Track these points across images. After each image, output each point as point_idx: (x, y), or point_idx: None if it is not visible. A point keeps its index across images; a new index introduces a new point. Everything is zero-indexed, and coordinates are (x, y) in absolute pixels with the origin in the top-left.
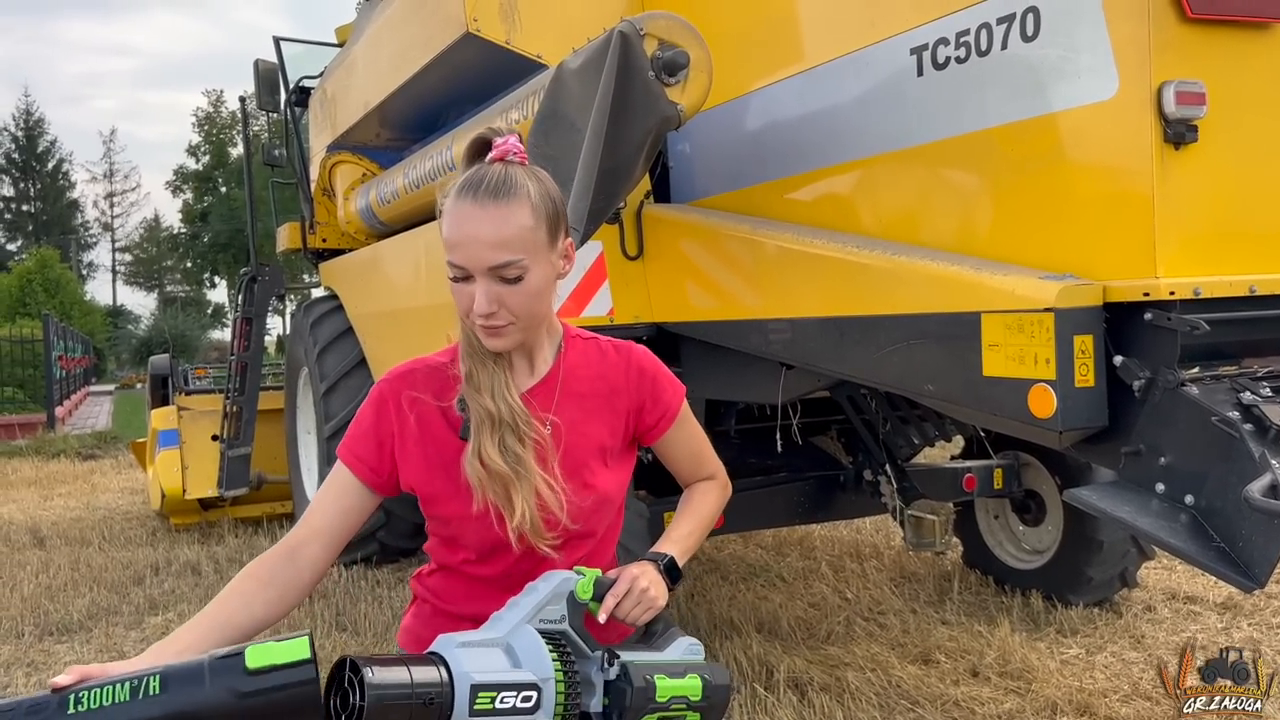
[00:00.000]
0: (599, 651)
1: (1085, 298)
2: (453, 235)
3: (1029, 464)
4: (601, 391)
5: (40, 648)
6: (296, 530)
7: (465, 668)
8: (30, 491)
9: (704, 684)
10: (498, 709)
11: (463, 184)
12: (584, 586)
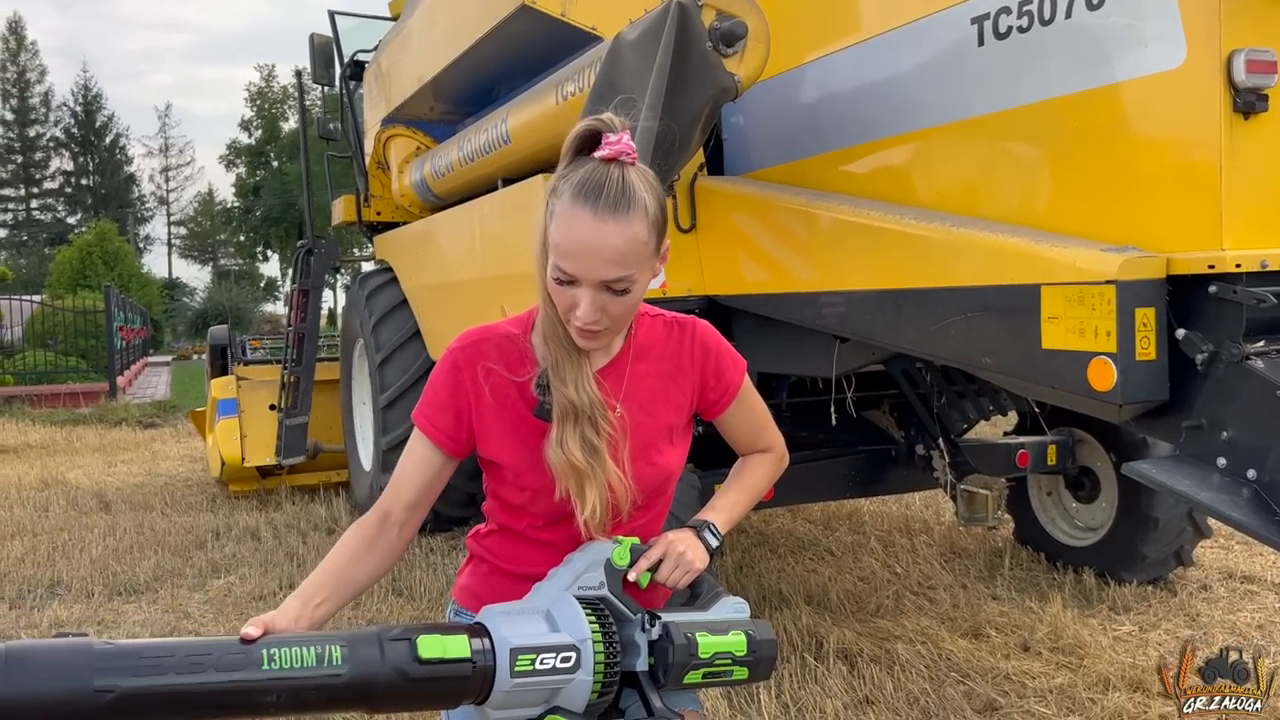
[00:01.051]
0: (640, 614)
1: (1148, 270)
2: (567, 244)
3: (1083, 440)
4: (667, 370)
5: (110, 607)
6: (384, 498)
7: (504, 633)
8: (95, 458)
9: (748, 639)
10: (538, 669)
11: (580, 189)
12: (620, 554)
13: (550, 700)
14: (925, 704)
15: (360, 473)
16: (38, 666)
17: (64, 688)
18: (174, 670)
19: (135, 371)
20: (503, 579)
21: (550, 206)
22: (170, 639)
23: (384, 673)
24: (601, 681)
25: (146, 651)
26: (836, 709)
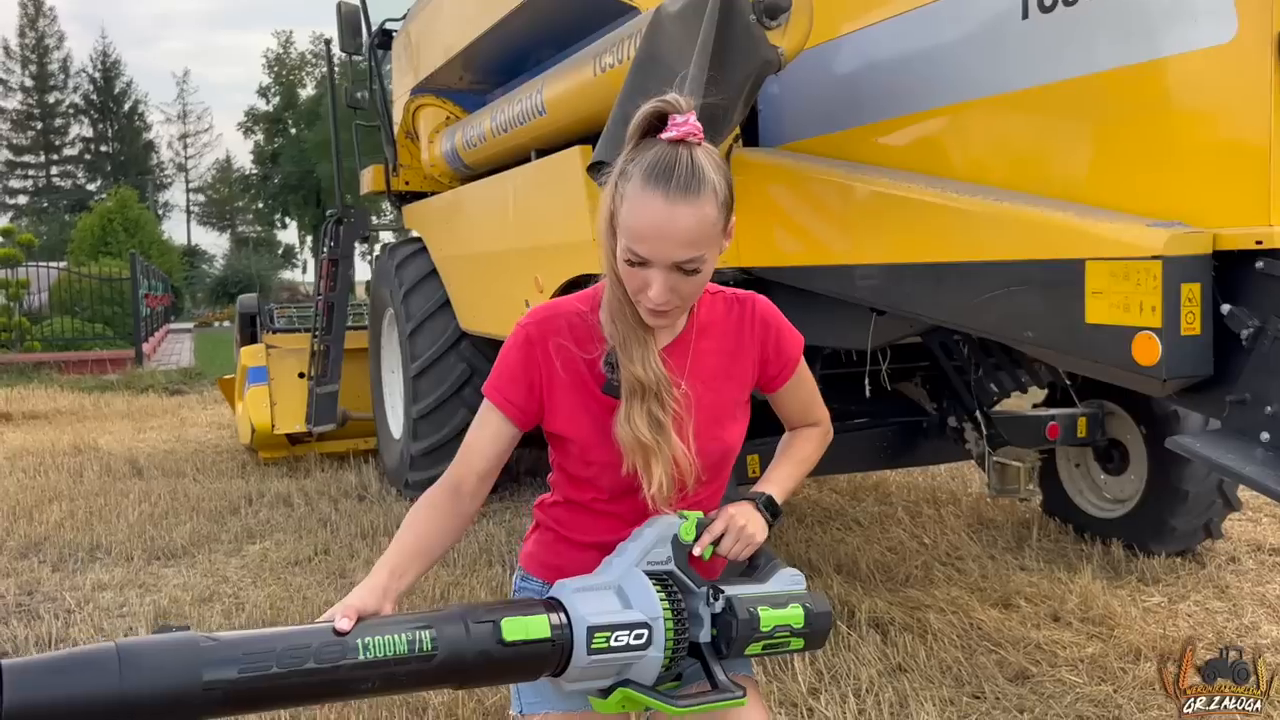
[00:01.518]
0: (704, 588)
1: (1195, 246)
2: (640, 227)
3: (1113, 413)
4: (729, 347)
5: (149, 570)
6: (454, 468)
7: (581, 611)
8: (124, 424)
9: (806, 612)
10: (613, 647)
11: (650, 171)
12: (686, 529)
13: (622, 673)
14: (958, 672)
15: (390, 441)
16: (150, 664)
17: (175, 684)
18: (276, 663)
19: (159, 339)
20: (569, 547)
21: (619, 189)
22: (268, 631)
23: (470, 654)
24: (670, 656)
25: (249, 646)
26: (871, 676)
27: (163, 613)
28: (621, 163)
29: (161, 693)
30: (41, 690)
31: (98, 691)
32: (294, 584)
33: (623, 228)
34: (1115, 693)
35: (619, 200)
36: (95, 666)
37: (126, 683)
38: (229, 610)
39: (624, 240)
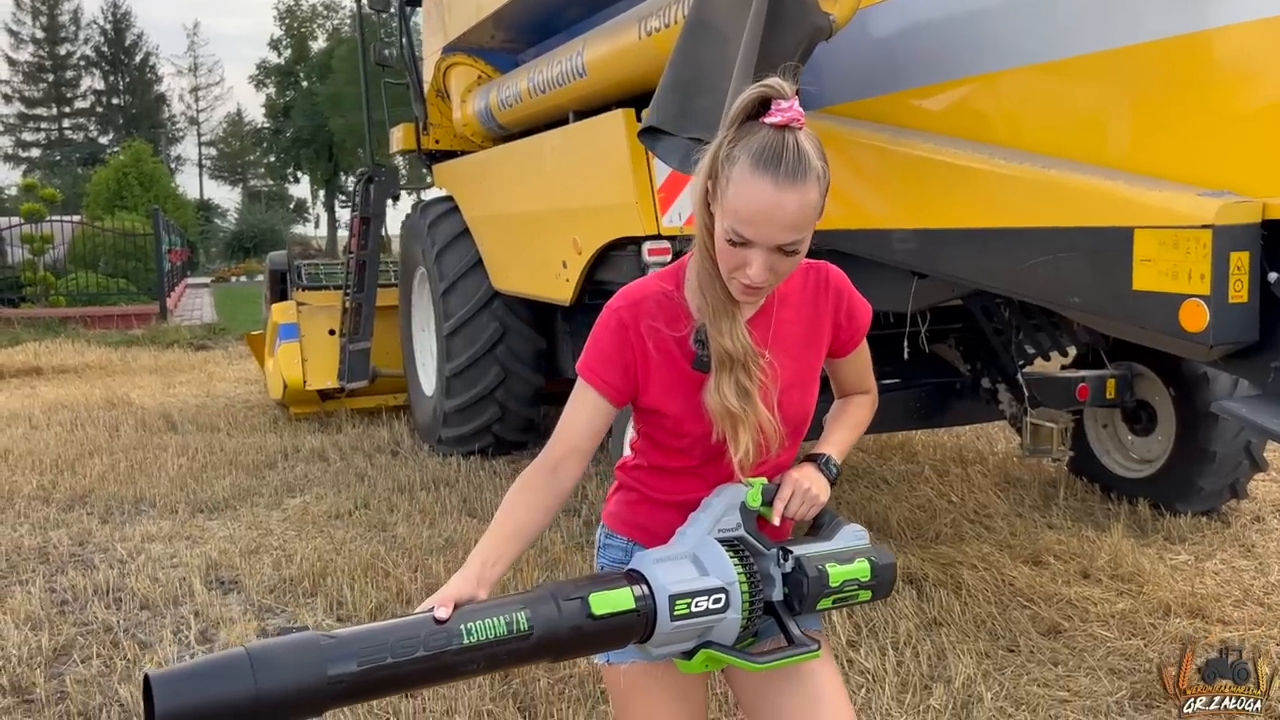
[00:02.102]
0: (774, 549)
1: (1245, 215)
2: (748, 211)
3: (1142, 374)
4: (807, 316)
5: (194, 523)
6: (554, 447)
7: (662, 580)
8: (152, 379)
9: (871, 565)
10: (694, 612)
11: (759, 157)
12: (753, 496)
13: (703, 636)
14: (992, 626)
15: (421, 397)
16: (279, 664)
17: (303, 680)
18: (390, 654)
19: (179, 294)
20: (653, 507)
21: (724, 172)
22: (377, 625)
23: (564, 629)
24: (748, 616)
25: (364, 640)
26: (909, 629)
27: (213, 564)
28: (723, 145)
29: (292, 689)
30: (185, 696)
31: (235, 693)
32: (337, 537)
33: (728, 210)
34: (1146, 646)
35: (724, 183)
36: (230, 671)
37: (260, 683)
38: (278, 562)
39: (728, 222)
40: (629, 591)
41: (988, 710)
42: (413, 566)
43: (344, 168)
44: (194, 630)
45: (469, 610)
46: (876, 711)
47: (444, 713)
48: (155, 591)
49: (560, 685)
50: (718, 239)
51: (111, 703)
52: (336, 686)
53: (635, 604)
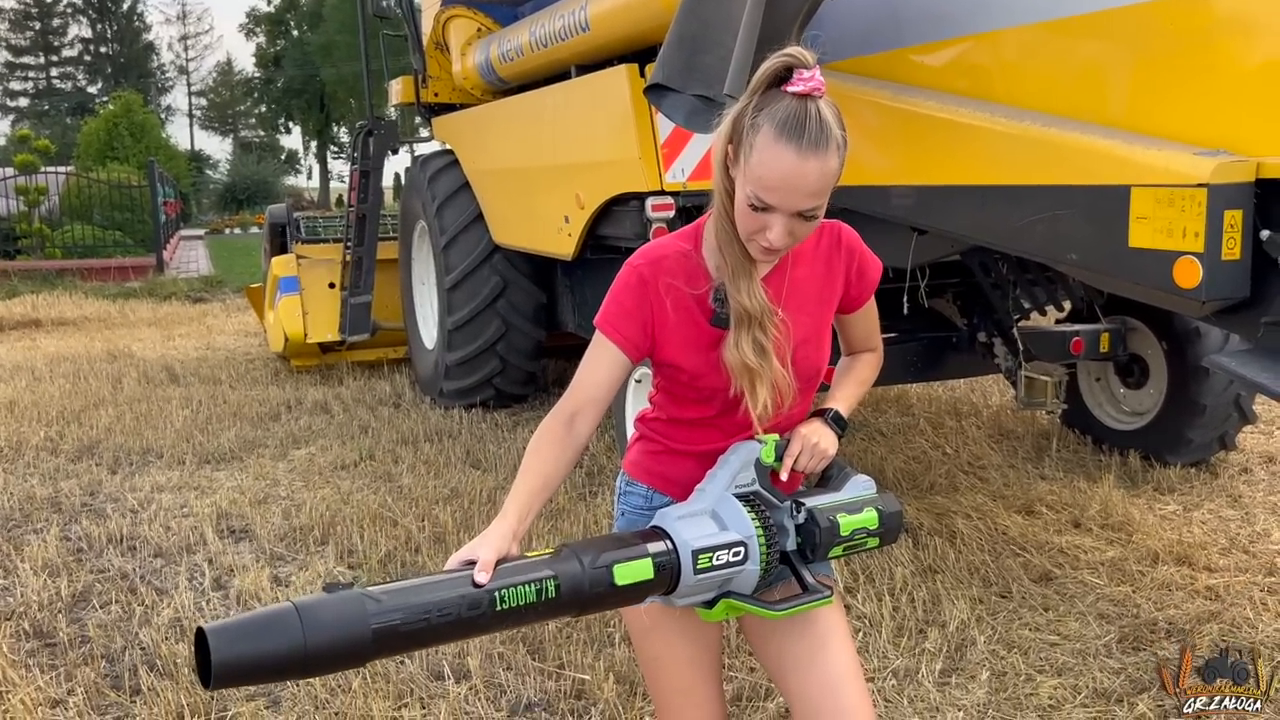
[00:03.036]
0: (787, 501)
1: (1239, 174)
2: (771, 179)
3: (1135, 328)
4: (819, 273)
5: (202, 473)
6: (570, 400)
7: (684, 536)
8: (151, 331)
9: (879, 514)
10: (715, 565)
11: (783, 125)
12: (766, 453)
13: (724, 586)
14: (986, 573)
15: (422, 350)
16: (327, 619)
17: (349, 635)
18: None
19: (174, 246)
20: (674, 457)
21: (747, 139)
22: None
23: (589, 593)
24: (765, 567)
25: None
26: (904, 576)
27: (224, 514)
28: (747, 111)
29: (338, 643)
30: (239, 648)
31: (285, 645)
32: (344, 487)
33: (750, 176)
34: (1134, 593)
35: (746, 149)
36: (281, 625)
37: (309, 637)
38: (287, 511)
39: (750, 188)
40: (649, 562)
41: (980, 653)
42: (420, 516)
43: (336, 119)
44: (208, 577)
45: (502, 573)
46: (874, 654)
47: (457, 654)
48: (168, 540)
49: (569, 629)
50: (738, 203)
51: (134, 645)
52: (379, 642)
53: (655, 574)
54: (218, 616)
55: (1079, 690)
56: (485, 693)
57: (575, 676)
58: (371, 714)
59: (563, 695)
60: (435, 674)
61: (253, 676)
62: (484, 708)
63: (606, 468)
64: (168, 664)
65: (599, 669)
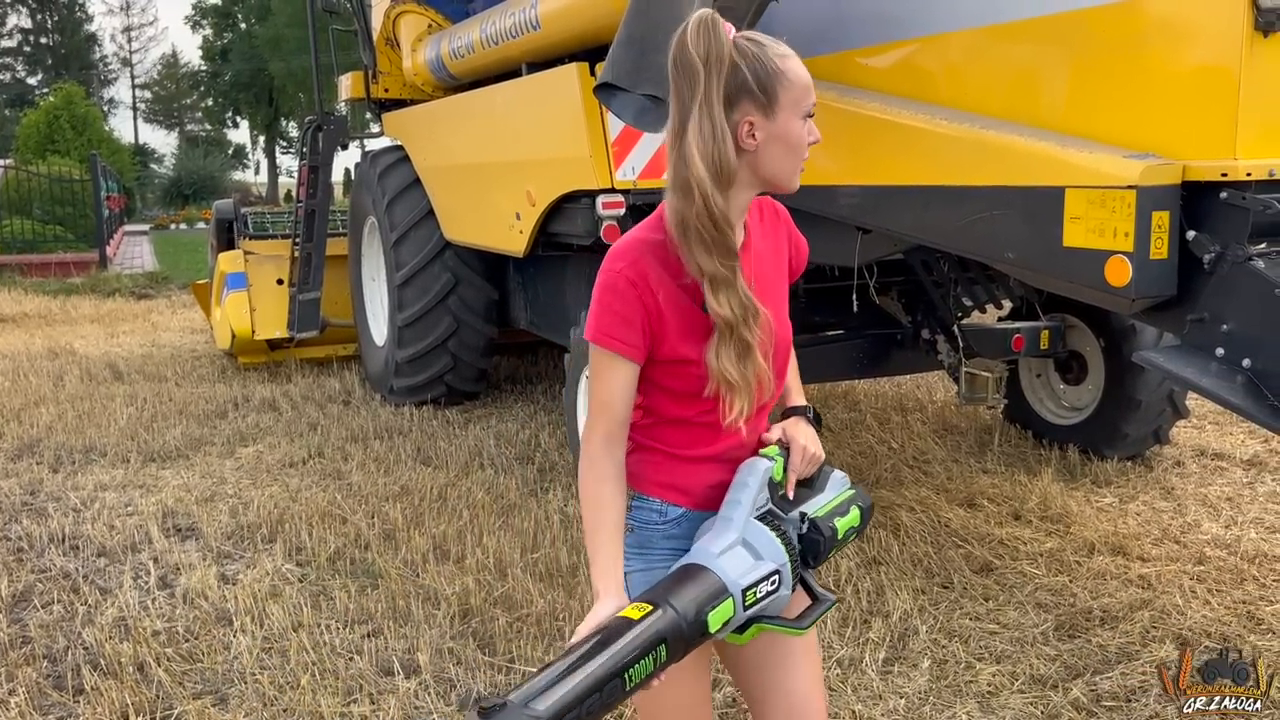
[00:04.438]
0: (793, 514)
1: (1166, 176)
2: (803, 83)
3: (1074, 326)
4: (771, 244)
5: (147, 472)
6: (603, 424)
7: (733, 577)
8: (95, 328)
9: (861, 512)
10: (759, 598)
11: (773, 45)
12: (778, 470)
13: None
14: (928, 565)
15: (372, 347)
16: None
17: None
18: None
19: (117, 241)
20: (683, 463)
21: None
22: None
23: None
24: (794, 588)
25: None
26: (850, 568)
27: (170, 512)
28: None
29: None
30: None
31: None
32: (292, 485)
33: (799, 92)
34: (1071, 582)
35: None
36: None
37: None
38: (235, 509)
39: (805, 104)
40: (731, 603)
41: (922, 642)
42: (369, 513)
43: (285, 113)
44: (154, 576)
45: (624, 651)
46: (819, 645)
47: (406, 651)
48: (113, 538)
49: (519, 624)
50: (793, 133)
51: (76, 645)
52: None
53: (735, 612)
54: (163, 615)
55: (1016, 677)
56: (435, 688)
57: (526, 670)
58: (320, 710)
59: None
60: (385, 669)
61: None
62: (433, 703)
63: (559, 464)
64: (111, 663)
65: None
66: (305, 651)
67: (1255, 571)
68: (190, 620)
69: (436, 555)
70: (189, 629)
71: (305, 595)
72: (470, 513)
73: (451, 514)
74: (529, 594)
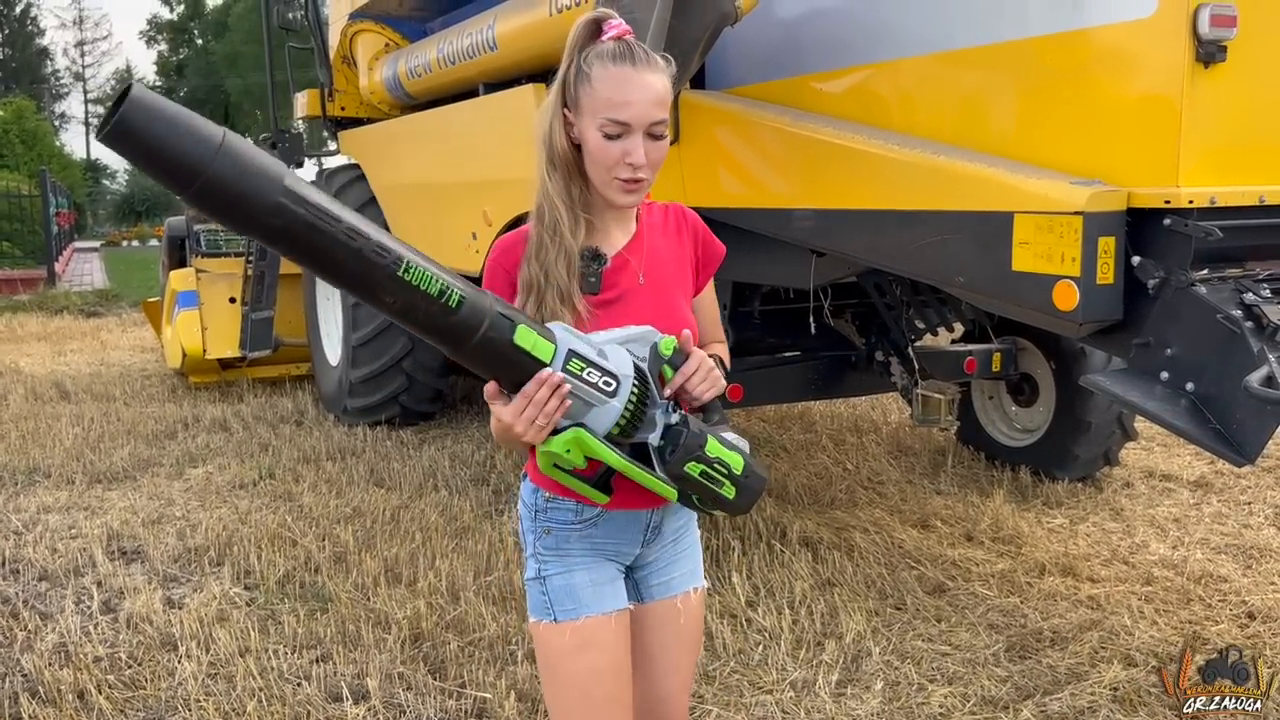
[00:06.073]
0: (665, 400)
1: (1111, 203)
2: (618, 96)
3: (1025, 349)
4: (673, 244)
5: (93, 493)
6: None
7: (567, 340)
8: (41, 346)
9: (746, 464)
10: (584, 378)
11: (612, 54)
12: (666, 344)
13: (580, 415)
14: (882, 586)
15: (326, 367)
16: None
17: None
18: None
19: (67, 258)
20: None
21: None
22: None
23: (478, 335)
24: (627, 418)
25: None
26: (804, 589)
27: (114, 534)
28: (570, 70)
29: (239, 186)
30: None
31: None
32: (242, 507)
33: (599, 106)
34: (1022, 604)
35: (586, 90)
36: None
37: (217, 162)
38: (182, 531)
39: (601, 116)
40: (550, 349)
41: (875, 663)
42: (320, 535)
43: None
44: (97, 600)
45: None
46: (772, 667)
47: (355, 676)
48: (55, 562)
49: (470, 648)
50: (592, 147)
51: (14, 672)
52: (275, 215)
53: (550, 359)
54: (106, 641)
55: (968, 698)
56: (385, 713)
57: (477, 695)
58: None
59: (464, 714)
60: (333, 695)
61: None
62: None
63: (514, 486)
64: (50, 691)
65: (500, 687)
66: (252, 677)
67: (1201, 592)
68: (134, 646)
69: (388, 578)
70: (132, 655)
71: (253, 619)
72: (423, 535)
73: (404, 536)
74: (481, 617)
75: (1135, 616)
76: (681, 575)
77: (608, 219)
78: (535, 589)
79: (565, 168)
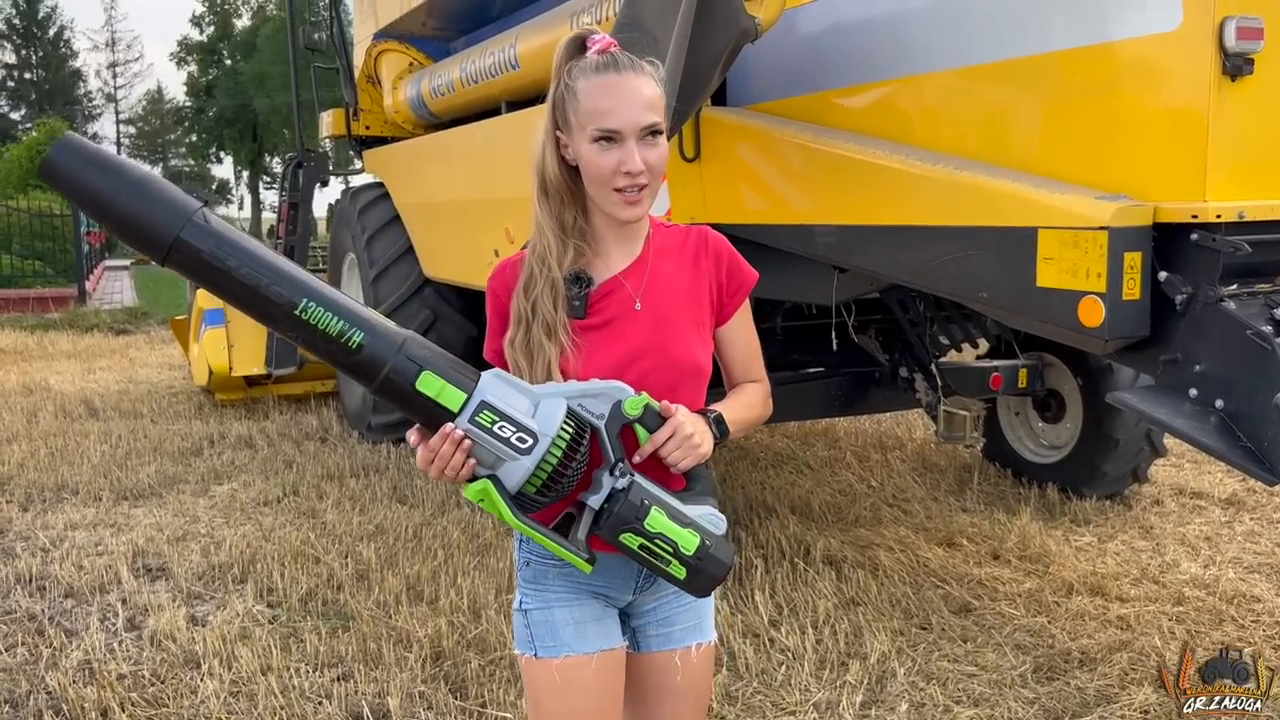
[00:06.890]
0: (619, 463)
1: (1138, 218)
2: (604, 103)
3: (1052, 364)
4: (686, 269)
5: (119, 510)
6: None
7: (488, 391)
8: (71, 364)
9: (701, 545)
10: (494, 432)
11: (595, 65)
12: (632, 404)
13: (495, 466)
14: (907, 605)
15: (350, 384)
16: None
17: (157, 223)
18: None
19: (98, 276)
20: None
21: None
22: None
23: (380, 377)
24: (541, 480)
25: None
26: (827, 609)
27: (140, 552)
28: (558, 91)
29: (142, 219)
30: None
31: (105, 190)
32: (266, 524)
33: (587, 117)
34: (1050, 624)
35: (573, 104)
36: (119, 176)
37: (124, 198)
38: (206, 549)
39: (591, 127)
40: (461, 397)
41: (900, 685)
42: (343, 553)
43: (268, 149)
44: (121, 618)
45: (326, 291)
46: (795, 687)
47: (376, 695)
48: (80, 579)
49: (491, 667)
50: (587, 160)
51: (39, 689)
52: (176, 248)
53: (457, 409)
54: (130, 658)
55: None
56: None
57: (498, 715)
58: None
59: None
60: (354, 714)
61: (69, 191)
62: None
63: None
64: (74, 708)
65: (521, 707)
66: (273, 695)
67: (1234, 612)
68: (157, 663)
69: (410, 596)
70: (155, 672)
71: (275, 637)
72: (445, 553)
73: (426, 554)
74: (503, 636)
75: (1166, 637)
76: (684, 629)
77: (609, 240)
78: (519, 620)
79: (558, 194)
